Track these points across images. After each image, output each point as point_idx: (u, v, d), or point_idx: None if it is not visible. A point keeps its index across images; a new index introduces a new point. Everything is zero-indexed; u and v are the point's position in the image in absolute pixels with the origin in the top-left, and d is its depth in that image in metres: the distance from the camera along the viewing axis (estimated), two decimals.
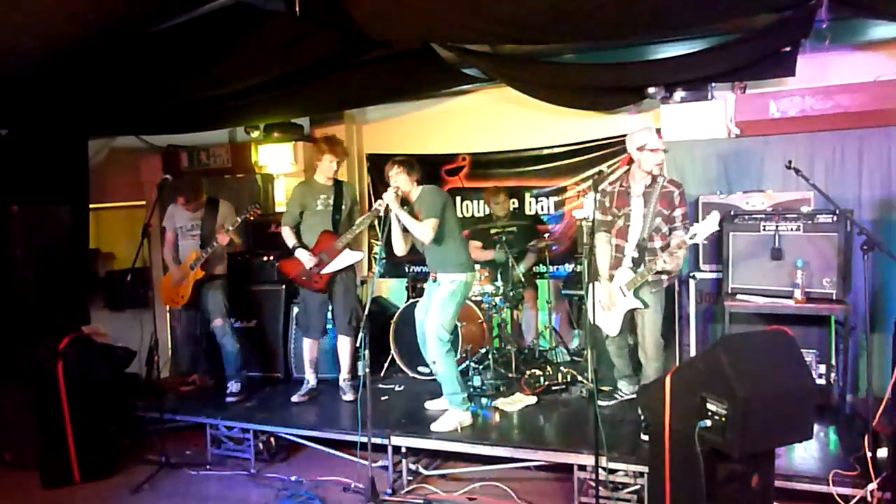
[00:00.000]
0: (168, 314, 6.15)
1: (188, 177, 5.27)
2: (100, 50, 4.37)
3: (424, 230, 4.21)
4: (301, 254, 4.77)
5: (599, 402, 4.47)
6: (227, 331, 5.13)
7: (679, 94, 5.13)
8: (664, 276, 4.10)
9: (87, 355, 4.51)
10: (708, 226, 3.75)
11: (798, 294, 4.08)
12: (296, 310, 5.46)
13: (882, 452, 3.28)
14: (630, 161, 4.18)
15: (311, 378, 5.10)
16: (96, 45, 4.26)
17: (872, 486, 3.20)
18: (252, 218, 4.96)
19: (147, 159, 7.04)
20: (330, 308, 4.96)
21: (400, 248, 4.50)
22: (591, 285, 3.82)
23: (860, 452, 3.36)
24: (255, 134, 6.60)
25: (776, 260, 4.25)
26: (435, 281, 4.44)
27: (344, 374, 4.98)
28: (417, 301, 4.87)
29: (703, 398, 2.84)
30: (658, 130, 4.07)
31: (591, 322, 4.08)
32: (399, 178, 4.31)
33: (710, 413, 2.81)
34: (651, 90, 5.16)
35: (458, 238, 4.42)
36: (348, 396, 4.85)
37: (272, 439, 4.67)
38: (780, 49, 4.62)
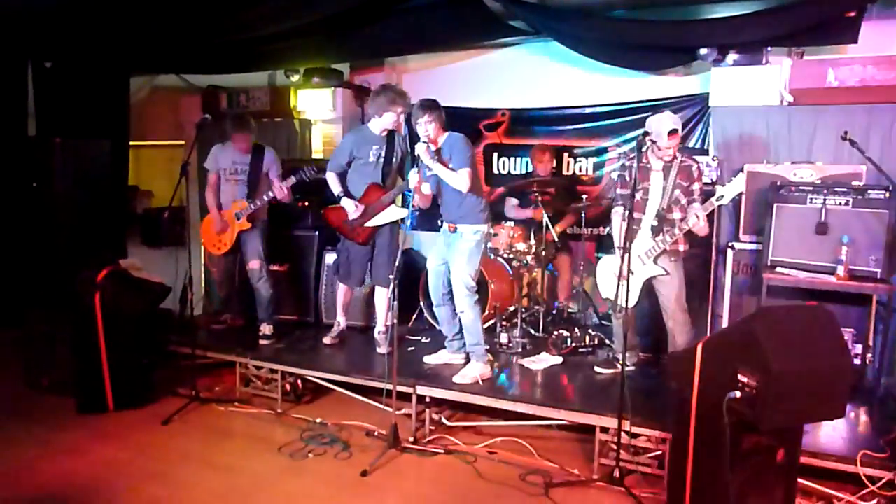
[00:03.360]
0: (203, 254, 6.25)
1: (238, 114, 5.23)
2: None
3: (461, 180, 4.15)
4: (347, 203, 4.68)
5: (598, 370, 4.49)
6: (263, 275, 5.17)
7: (732, 56, 4.94)
8: (681, 248, 4.10)
9: (124, 288, 4.61)
10: (734, 187, 3.78)
11: (841, 271, 3.96)
12: (332, 256, 5.49)
13: None
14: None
15: (341, 320, 5.18)
16: None
17: None
18: (308, 179, 4.86)
19: (187, 99, 7.06)
20: (370, 259, 4.92)
21: (423, 202, 4.43)
22: (624, 254, 3.73)
23: (891, 435, 3.30)
24: (295, 78, 6.55)
25: (821, 234, 4.12)
26: (454, 232, 4.37)
27: (380, 325, 4.99)
28: None
29: (734, 369, 2.79)
30: (673, 131, 3.91)
31: (616, 291, 4.02)
32: (430, 126, 4.21)
33: (740, 384, 2.76)
34: (703, 52, 4.97)
35: (480, 189, 4.39)
36: (383, 349, 4.82)
37: (299, 381, 4.76)
38: (844, 14, 4.39)
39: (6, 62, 6.18)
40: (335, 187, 4.73)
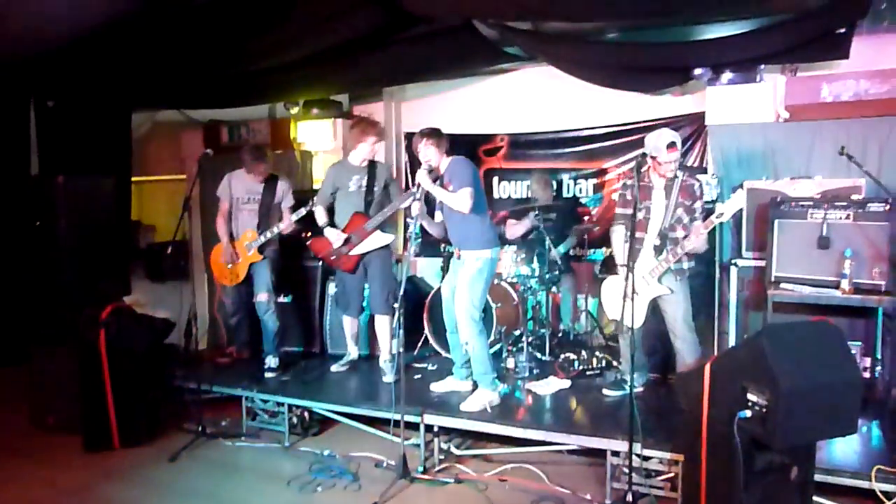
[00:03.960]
0: (207, 285, 6.25)
1: (256, 146, 5.27)
2: (144, 22, 4.41)
3: (462, 200, 4.14)
4: (329, 232, 4.79)
5: (606, 392, 4.46)
6: (271, 307, 5.18)
7: (726, 75, 4.99)
8: (685, 266, 4.09)
9: (128, 325, 4.61)
10: (734, 204, 3.76)
11: (845, 284, 3.96)
12: (332, 287, 5.51)
13: None
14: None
15: (352, 351, 5.21)
16: (141, 18, 4.31)
17: None
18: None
19: (188, 134, 7.12)
20: (366, 287, 4.97)
21: (436, 230, 4.49)
22: (629, 274, 3.71)
23: None
24: (295, 110, 6.62)
25: (823, 249, 4.12)
26: (459, 258, 4.38)
27: (384, 354, 4.97)
28: None
29: (743, 387, 2.78)
30: (672, 144, 3.93)
31: (621, 313, 4.00)
32: (429, 151, 4.26)
33: (750, 403, 2.75)
34: (697, 71, 5.04)
35: (485, 214, 4.39)
36: (388, 378, 4.81)
37: (306, 413, 4.73)
38: (835, 30, 4.44)
39: (8, 101, 6.25)
40: (321, 219, 4.85)
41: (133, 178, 7.07)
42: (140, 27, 4.48)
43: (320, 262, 5.70)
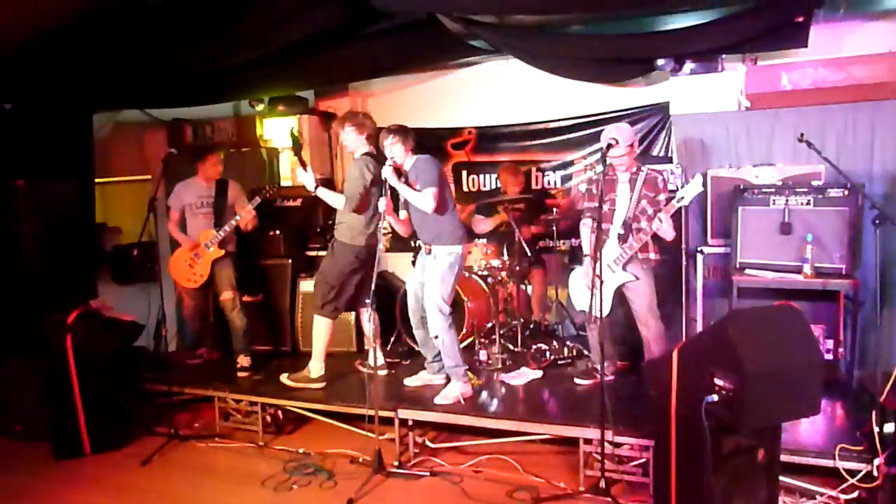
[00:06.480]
0: (175, 289, 6.18)
1: (204, 148, 5.28)
2: (104, 22, 4.33)
3: (426, 200, 4.16)
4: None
5: (578, 381, 4.52)
6: (237, 304, 5.15)
7: (689, 65, 5.06)
8: (651, 255, 4.16)
9: (95, 329, 4.55)
10: (693, 188, 3.88)
11: (807, 269, 4.05)
12: (304, 285, 5.59)
13: (889, 427, 3.27)
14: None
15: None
16: (100, 18, 4.22)
17: (879, 460, 3.20)
18: (270, 197, 4.92)
19: (152, 133, 7.01)
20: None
21: (402, 228, 4.49)
22: (595, 264, 3.74)
23: (867, 427, 3.36)
24: (260, 107, 6.55)
25: (785, 234, 4.21)
26: (429, 253, 4.39)
27: (316, 358, 4.75)
28: None
29: (710, 373, 2.83)
30: (609, 145, 3.95)
31: (590, 302, 4.03)
32: (394, 149, 4.26)
33: (717, 388, 2.80)
34: (660, 62, 5.09)
35: (453, 210, 4.41)
36: (284, 377, 4.74)
37: (280, 412, 4.71)
38: (793, 19, 4.52)
39: None
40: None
41: (96, 180, 6.92)
42: (98, 27, 4.39)
43: (290, 260, 5.67)
